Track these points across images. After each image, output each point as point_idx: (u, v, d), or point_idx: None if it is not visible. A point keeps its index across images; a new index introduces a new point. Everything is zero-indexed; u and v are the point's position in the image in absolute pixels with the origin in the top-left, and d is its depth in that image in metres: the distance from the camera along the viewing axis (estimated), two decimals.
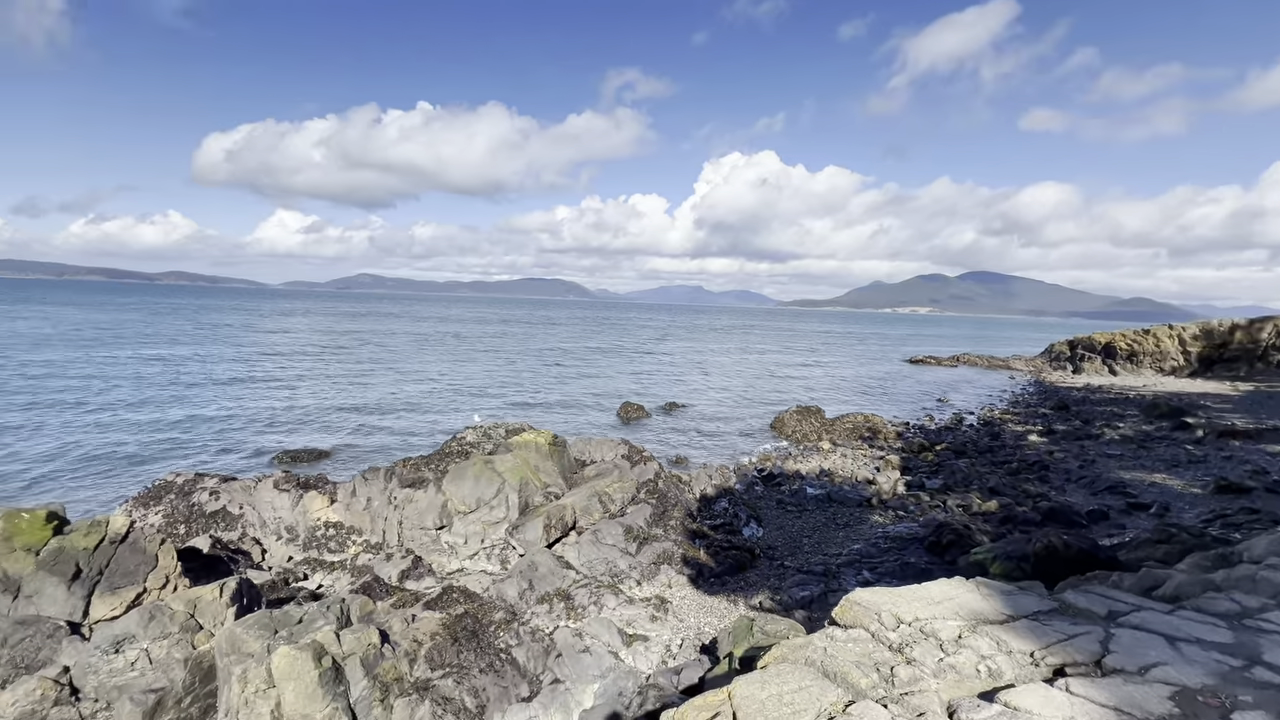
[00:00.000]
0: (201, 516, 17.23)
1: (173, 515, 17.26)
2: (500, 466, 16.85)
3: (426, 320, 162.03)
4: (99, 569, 10.77)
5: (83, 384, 44.05)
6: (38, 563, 10.25)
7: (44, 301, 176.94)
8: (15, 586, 10.08)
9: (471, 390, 49.79)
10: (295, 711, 7.95)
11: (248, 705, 7.99)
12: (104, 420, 33.84)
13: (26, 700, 8.26)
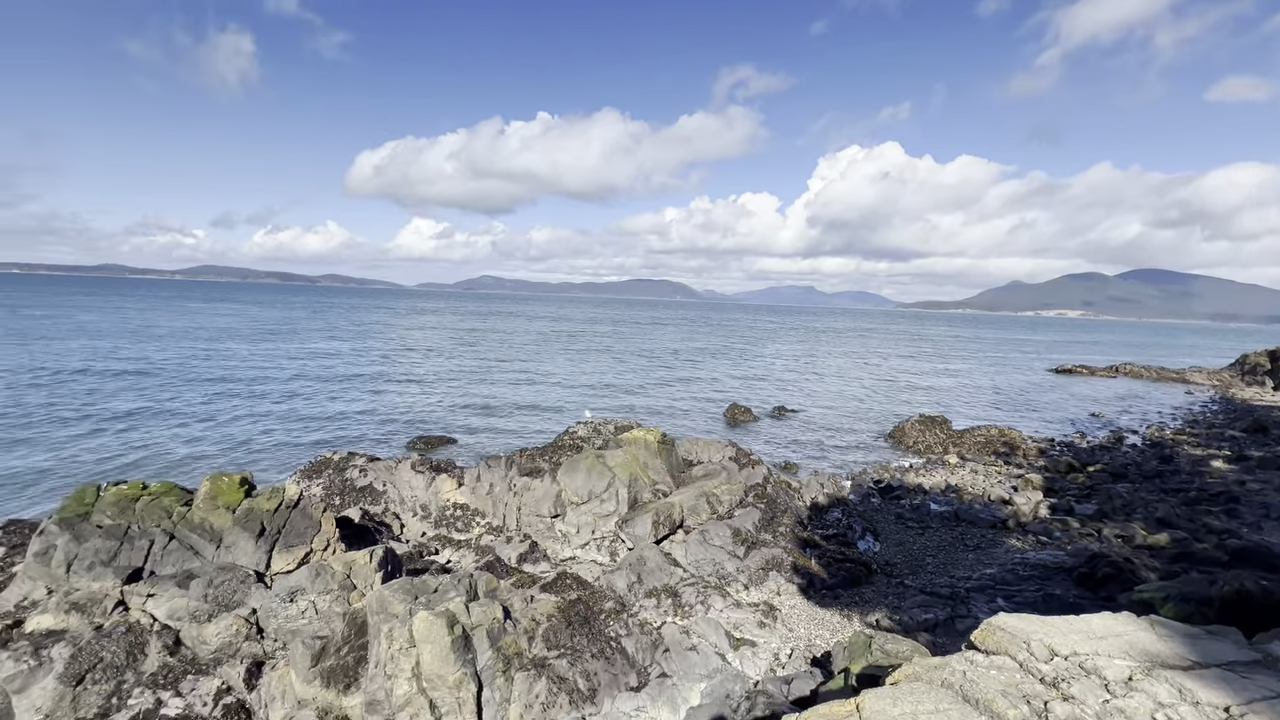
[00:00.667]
0: (353, 491, 19.46)
1: (330, 488, 19.66)
2: (611, 461, 17.34)
3: (541, 320, 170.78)
4: (278, 529, 12.54)
5: (260, 371, 51.54)
6: (234, 519, 12.16)
7: (234, 300, 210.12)
8: (218, 537, 12.02)
9: (582, 386, 51.74)
10: (432, 671, 8.74)
11: (393, 660, 8.91)
12: (276, 400, 39.38)
13: (225, 633, 9.82)
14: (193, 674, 9.34)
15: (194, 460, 26.65)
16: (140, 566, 11.19)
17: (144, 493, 12.36)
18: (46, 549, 10.89)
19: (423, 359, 65.66)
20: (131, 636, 9.45)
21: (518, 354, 75.34)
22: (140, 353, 59.36)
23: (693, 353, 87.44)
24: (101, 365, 50.05)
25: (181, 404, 37.20)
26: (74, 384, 41.31)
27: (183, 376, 46.78)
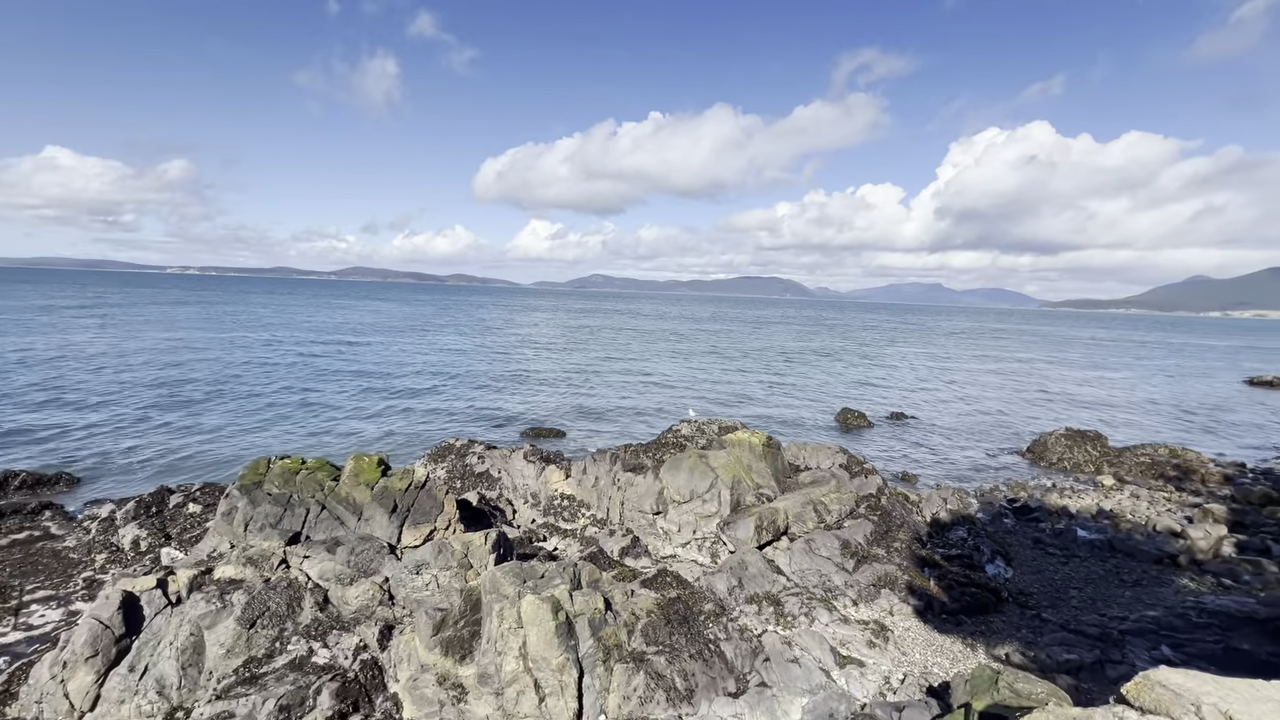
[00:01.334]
0: (471, 476, 20.99)
1: (452, 472, 21.35)
2: (714, 462, 17.19)
3: (648, 317, 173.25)
4: (407, 507, 13.83)
5: (395, 362, 57.18)
6: (372, 496, 13.60)
7: (376, 299, 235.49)
8: (359, 510, 13.51)
9: (686, 385, 51.80)
10: (538, 652, 9.21)
11: (503, 638, 9.49)
12: (408, 388, 43.48)
13: (363, 596, 11.01)
14: (337, 629, 10.57)
15: (342, 438, 30.20)
16: (299, 531, 12.87)
17: (303, 467, 14.18)
18: (230, 510, 12.87)
19: (536, 354, 69.27)
20: (291, 591, 10.90)
21: (624, 352, 77.04)
22: (303, 343, 68.27)
23: (803, 353, 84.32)
24: (274, 352, 58.28)
25: (333, 388, 42.31)
26: (254, 367, 48.47)
27: (333, 364, 53.20)
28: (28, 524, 17.06)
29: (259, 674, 9.67)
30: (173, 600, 10.43)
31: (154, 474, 23.46)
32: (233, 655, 9.85)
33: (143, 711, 9.22)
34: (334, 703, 9.02)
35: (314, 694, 9.04)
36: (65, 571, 14.39)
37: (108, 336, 66.49)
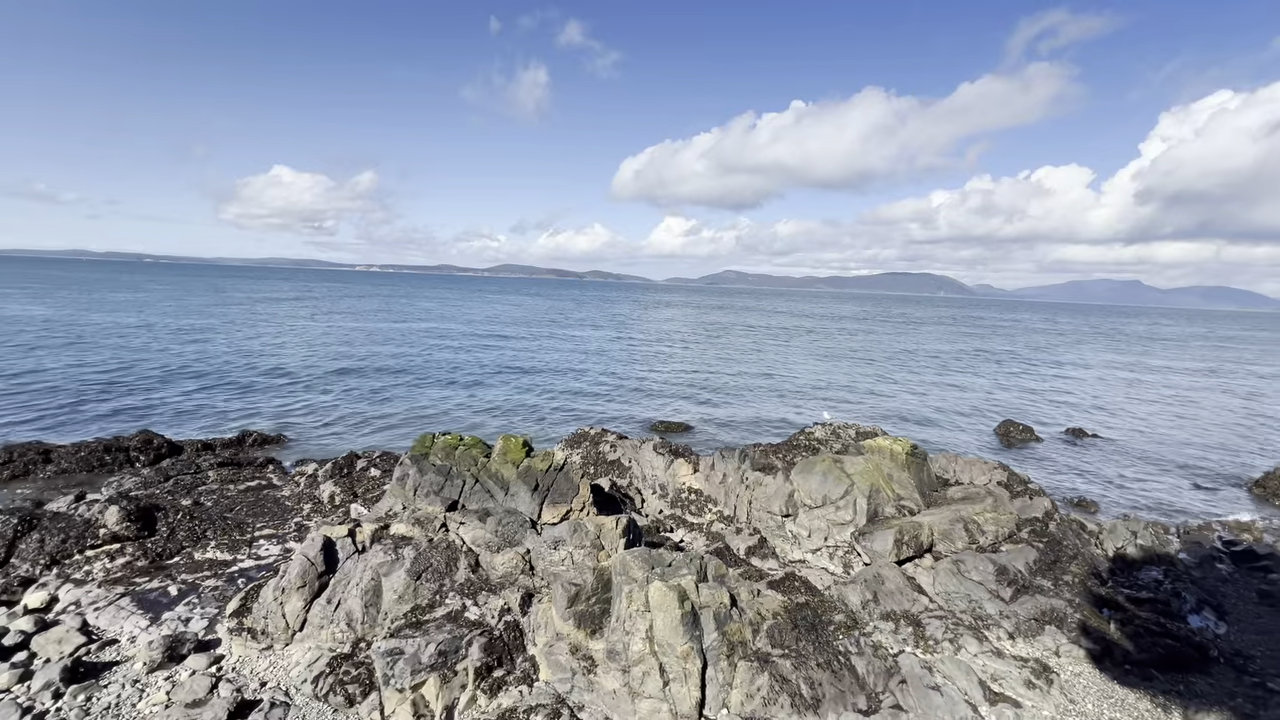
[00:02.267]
0: (604, 463, 21.97)
1: (586, 458, 22.52)
2: (850, 468, 16.32)
3: (782, 315, 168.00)
4: (547, 487, 14.88)
5: (537, 352, 61.38)
6: (517, 474, 14.83)
7: (522, 293, 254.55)
8: (506, 486, 14.81)
9: (820, 386, 49.54)
10: (664, 637, 9.48)
11: (631, 619, 9.90)
12: (549, 376, 46.54)
13: (508, 564, 12.08)
14: (485, 591, 11.72)
15: (489, 418, 33.19)
16: (456, 499, 14.43)
17: (460, 443, 15.85)
18: (403, 476, 14.79)
19: (666, 349, 70.45)
20: (449, 552, 12.28)
21: (755, 349, 75.54)
22: (460, 334, 75.91)
23: (958, 357, 76.54)
24: (437, 341, 65.52)
25: (482, 374, 46.60)
26: (421, 353, 54.97)
27: (484, 352, 58.53)
28: (257, 475, 20.97)
29: (423, 620, 11.05)
30: (359, 548, 12.26)
31: (346, 441, 27.60)
32: (403, 601, 11.36)
33: (335, 638, 10.99)
34: (482, 655, 10.04)
35: (466, 645, 10.14)
36: (282, 516, 17.50)
37: (315, 324, 79.34)
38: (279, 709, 9.51)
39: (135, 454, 22.92)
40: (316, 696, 9.76)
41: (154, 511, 16.22)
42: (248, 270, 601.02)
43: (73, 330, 60.45)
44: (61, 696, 9.69)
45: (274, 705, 9.57)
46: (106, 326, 65.10)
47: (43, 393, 33.36)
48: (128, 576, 13.69)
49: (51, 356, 44.72)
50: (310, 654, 10.69)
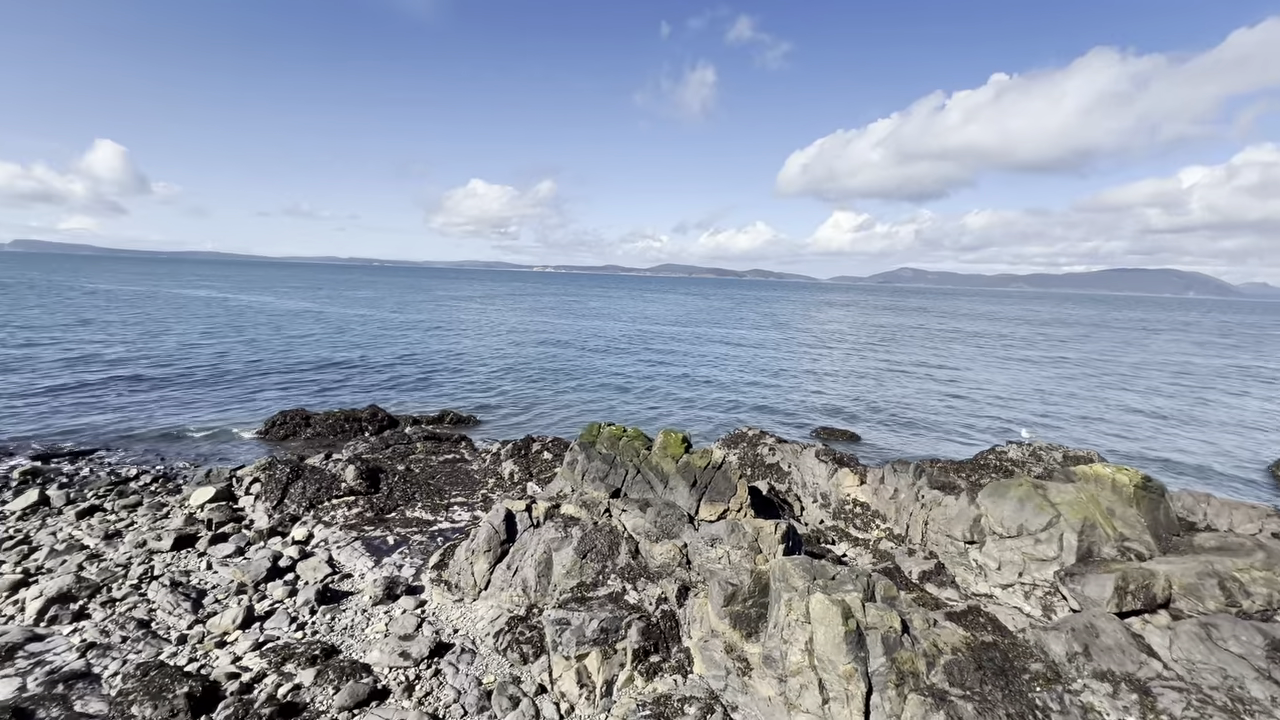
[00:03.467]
0: (761, 466, 21.52)
1: (743, 459, 22.24)
2: (1056, 497, 14.03)
3: (968, 317, 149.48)
4: (705, 484, 14.99)
5: (692, 350, 61.98)
6: (676, 469, 15.16)
7: (682, 292, 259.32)
8: (665, 479, 15.21)
9: (1015, 400, 43.24)
10: (824, 653, 9.02)
11: (789, 628, 9.58)
12: (704, 375, 46.77)
13: (666, 555, 12.40)
14: (644, 578, 12.16)
15: (648, 411, 34.33)
16: (619, 488, 15.18)
17: (624, 435, 16.62)
18: (572, 461, 15.93)
19: (830, 352, 66.78)
20: (612, 537, 12.97)
21: (934, 354, 68.34)
22: (623, 331, 79.56)
23: (1219, 374, 61.76)
24: (603, 337, 69.43)
25: (643, 370, 48.33)
26: (589, 348, 58.72)
27: (645, 348, 60.63)
28: (453, 449, 24.07)
29: (587, 597, 11.81)
30: (534, 523, 13.47)
31: (523, 425, 30.52)
32: (570, 576, 12.25)
33: (513, 600, 12.21)
34: (640, 639, 10.45)
35: (626, 626, 10.62)
36: (471, 486, 19.89)
37: (500, 320, 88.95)
38: (467, 655, 10.84)
39: (365, 424, 27.71)
40: (497, 650, 10.95)
41: (378, 473, 19.46)
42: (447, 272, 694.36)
43: (333, 321, 74.87)
44: (315, 613, 12.08)
45: (464, 651, 10.94)
46: (351, 318, 79.68)
47: (308, 369, 41.86)
48: (359, 524, 16.62)
49: (314, 340, 55.87)
50: (492, 611, 12.02)
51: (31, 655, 9.96)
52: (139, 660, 10.00)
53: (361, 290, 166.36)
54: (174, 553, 14.30)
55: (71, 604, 11.50)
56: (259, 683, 9.69)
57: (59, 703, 8.68)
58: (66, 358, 41.49)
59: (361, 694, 9.38)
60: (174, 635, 10.98)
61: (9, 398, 29.37)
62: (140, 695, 8.88)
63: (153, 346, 49.00)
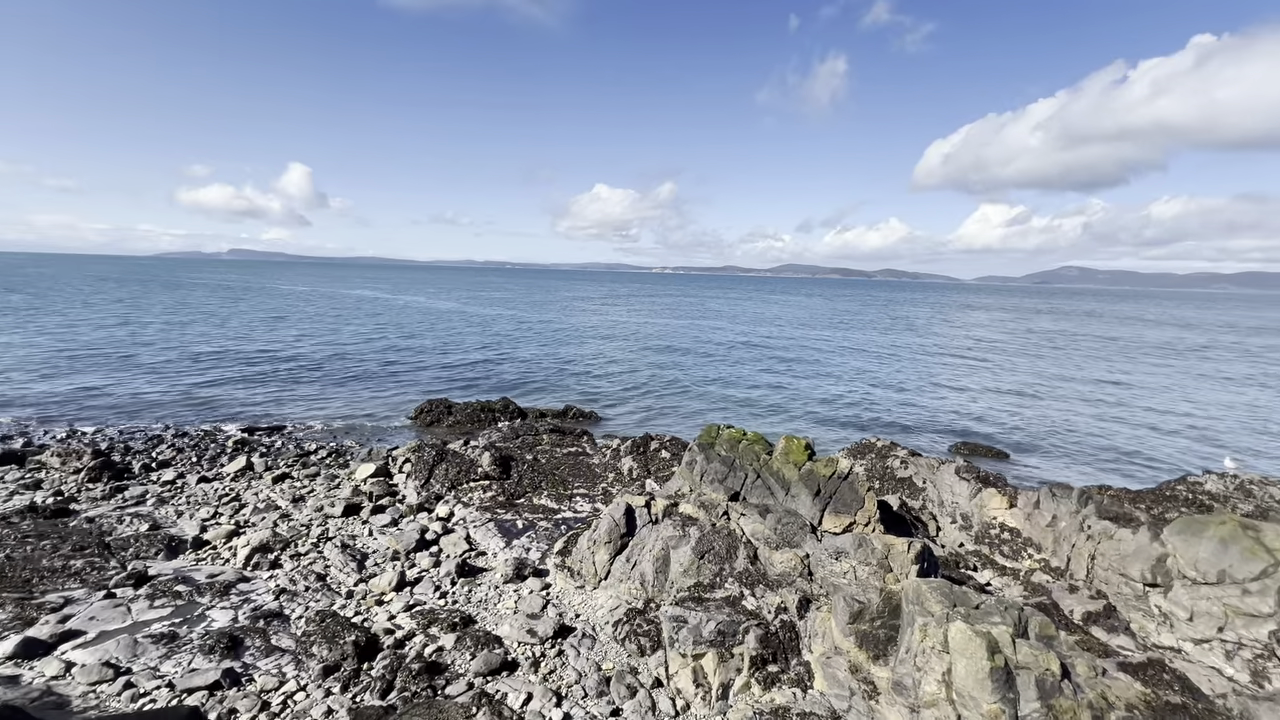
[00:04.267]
0: (892, 479, 20.10)
1: (871, 471, 20.92)
2: (1274, 542, 11.60)
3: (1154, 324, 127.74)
4: (830, 494, 14.31)
5: (814, 353, 59.31)
6: (799, 476, 14.64)
7: (802, 294, 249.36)
8: (786, 486, 14.76)
9: (1213, 422, 36.33)
10: (965, 688, 8.23)
11: (924, 655, 8.86)
12: (831, 381, 44.60)
13: (786, 563, 12.03)
14: (762, 585, 11.89)
15: (767, 414, 33.46)
16: (738, 491, 14.98)
17: (744, 438, 16.36)
18: (691, 461, 15.99)
19: (973, 361, 60.63)
20: (730, 540, 12.83)
21: (1106, 367, 59.46)
22: (742, 332, 78.32)
23: None
24: (720, 338, 68.89)
25: (760, 372, 47.19)
26: (705, 348, 58.57)
27: (764, 351, 59.17)
28: (575, 443, 25.21)
29: (704, 598, 11.79)
30: (653, 519, 13.71)
31: (641, 423, 31.15)
32: (687, 575, 12.31)
33: (631, 593, 12.53)
34: (758, 646, 10.23)
35: (744, 632, 10.46)
36: (593, 480, 20.69)
37: (620, 321, 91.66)
38: (588, 640, 11.30)
39: (498, 415, 29.91)
40: (615, 639, 11.30)
41: (509, 461, 20.92)
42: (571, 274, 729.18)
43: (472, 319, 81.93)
44: (455, 584, 13.28)
45: (584, 636, 11.42)
46: (487, 317, 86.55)
47: (450, 363, 46.14)
48: (492, 507, 17.98)
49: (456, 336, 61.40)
50: (611, 601, 12.42)
51: (241, 593, 11.95)
52: (318, 608, 11.62)
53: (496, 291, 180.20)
54: (343, 519, 16.44)
55: (269, 554, 13.66)
56: (409, 640, 10.85)
57: (260, 635, 10.32)
58: (267, 348, 49.39)
59: (494, 663, 10.14)
60: (344, 590, 12.62)
61: (230, 382, 35.55)
62: (319, 638, 10.33)
63: (330, 339, 56.87)
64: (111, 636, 10.04)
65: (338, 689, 9.30)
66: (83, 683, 8.66)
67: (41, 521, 14.10)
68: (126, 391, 31.35)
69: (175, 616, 10.77)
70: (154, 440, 22.68)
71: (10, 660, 9.05)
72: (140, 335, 53.94)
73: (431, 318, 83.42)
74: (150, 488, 17.51)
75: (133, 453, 20.61)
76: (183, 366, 39.21)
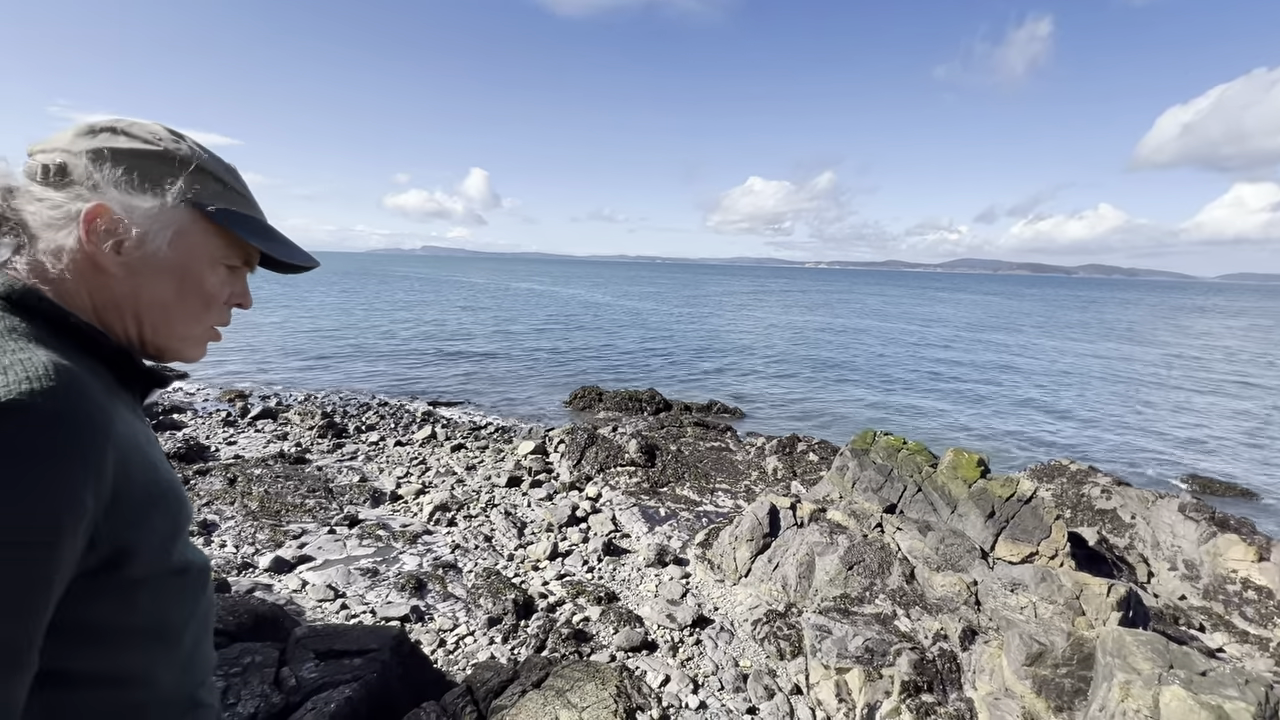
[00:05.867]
0: (1088, 509, 17.25)
1: (1061, 498, 18.13)
2: None
3: None
4: (1006, 518, 12.70)
5: (997, 360, 52.45)
6: (969, 493, 13.18)
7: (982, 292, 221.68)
8: (952, 503, 13.38)
9: None
10: None
11: (1123, 717, 7.53)
12: (1007, 392, 39.26)
13: (949, 588, 10.93)
14: (918, 607, 10.94)
15: (926, 424, 30.46)
16: (895, 503, 13.90)
17: (904, 446, 15.11)
18: (843, 466, 15.17)
19: (1207, 377, 49.42)
20: (883, 554, 11.97)
21: None
22: (902, 332, 72.08)
23: None
24: (883, 339, 64.09)
25: (925, 378, 43.01)
26: (865, 349, 54.90)
27: (931, 354, 53.80)
28: (719, 438, 25.19)
29: (850, 610, 11.17)
30: (798, 522, 13.27)
31: (786, 423, 30.23)
32: (833, 585, 11.74)
33: (772, 594, 12.27)
34: (911, 672, 9.45)
35: (895, 653, 9.73)
36: (735, 476, 20.55)
37: (768, 317, 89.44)
38: (725, 634, 11.31)
39: (644, 404, 30.92)
40: (754, 638, 11.16)
41: (654, 449, 21.55)
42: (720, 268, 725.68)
43: (624, 311, 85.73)
44: (601, 561, 14.06)
45: (722, 629, 11.44)
46: (638, 309, 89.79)
47: (603, 351, 48.71)
48: (637, 493, 18.68)
49: (609, 326, 64.63)
50: (751, 599, 12.28)
51: (425, 544, 13.81)
52: (484, 565, 13.04)
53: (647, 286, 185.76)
54: (507, 489, 18.20)
55: (447, 513, 15.60)
56: (560, 606, 11.73)
57: (439, 581, 11.84)
58: (452, 334, 56.17)
59: (636, 640, 10.58)
60: (505, 552, 13.99)
61: (421, 362, 41.10)
62: (485, 591, 11.60)
63: (500, 326, 63.14)
64: (333, 565, 12.18)
65: (499, 639, 10.36)
66: (313, 599, 10.65)
67: (288, 465, 17.52)
68: (344, 366, 37.71)
69: (376, 556, 12.69)
70: (363, 408, 26.89)
71: (266, 572, 11.39)
72: (355, 319, 64.50)
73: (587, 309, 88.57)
74: (360, 447, 20.85)
75: (348, 416, 24.64)
76: (386, 347, 46.14)
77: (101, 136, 1.13)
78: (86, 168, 1.10)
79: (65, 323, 1.06)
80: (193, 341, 1.29)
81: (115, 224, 1.12)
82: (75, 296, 1.11)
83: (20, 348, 0.92)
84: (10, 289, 1.03)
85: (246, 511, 14.39)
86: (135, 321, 1.19)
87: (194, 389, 28.46)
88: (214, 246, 1.26)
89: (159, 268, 1.17)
